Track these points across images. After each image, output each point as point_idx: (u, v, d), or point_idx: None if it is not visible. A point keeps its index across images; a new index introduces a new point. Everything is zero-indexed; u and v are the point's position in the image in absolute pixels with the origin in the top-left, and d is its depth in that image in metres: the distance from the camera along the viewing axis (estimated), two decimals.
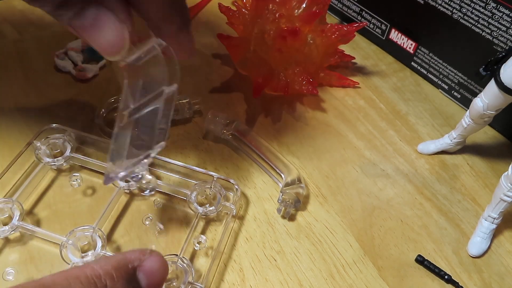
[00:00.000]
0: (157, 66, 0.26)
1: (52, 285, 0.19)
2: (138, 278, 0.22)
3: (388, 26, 0.46)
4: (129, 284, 0.21)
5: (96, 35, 0.23)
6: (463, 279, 0.31)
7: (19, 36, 0.45)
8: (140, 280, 0.22)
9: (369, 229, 0.33)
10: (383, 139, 0.39)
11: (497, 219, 0.32)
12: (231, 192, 0.33)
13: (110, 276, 0.21)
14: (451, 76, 0.42)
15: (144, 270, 0.22)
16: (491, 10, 0.36)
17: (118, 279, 0.21)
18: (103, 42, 0.23)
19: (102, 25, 0.23)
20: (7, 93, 0.40)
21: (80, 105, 0.39)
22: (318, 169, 0.36)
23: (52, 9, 0.22)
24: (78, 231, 0.29)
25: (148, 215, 0.32)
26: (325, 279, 0.30)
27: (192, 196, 0.32)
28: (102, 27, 0.23)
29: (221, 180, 0.33)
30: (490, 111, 0.32)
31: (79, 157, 0.34)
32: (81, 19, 0.22)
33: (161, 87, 0.26)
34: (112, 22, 0.23)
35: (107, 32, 0.23)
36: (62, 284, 0.20)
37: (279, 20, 0.38)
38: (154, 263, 0.22)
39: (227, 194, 0.33)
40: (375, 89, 0.44)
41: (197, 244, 0.30)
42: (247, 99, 0.41)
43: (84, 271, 0.20)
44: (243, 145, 0.37)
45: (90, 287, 0.20)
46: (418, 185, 0.36)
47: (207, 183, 0.33)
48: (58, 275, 0.20)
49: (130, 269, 0.21)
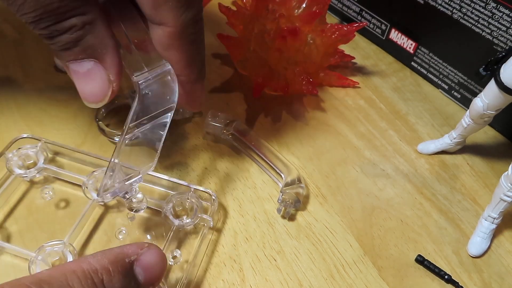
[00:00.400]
0: (163, 89, 0.27)
1: (49, 279, 0.19)
2: (135, 272, 0.21)
3: (388, 26, 0.46)
4: (125, 279, 0.21)
5: (84, 84, 0.25)
6: (463, 279, 0.31)
7: (19, 36, 0.45)
8: (138, 275, 0.22)
9: (369, 229, 0.33)
10: (383, 139, 0.39)
11: (497, 219, 0.32)
12: (209, 202, 0.32)
13: (107, 271, 0.20)
14: (451, 76, 0.42)
15: (141, 264, 0.22)
16: (491, 10, 0.36)
17: (115, 274, 0.21)
18: (87, 92, 0.25)
19: (92, 78, 0.25)
20: (7, 93, 0.39)
21: (80, 105, 0.39)
22: (318, 169, 0.36)
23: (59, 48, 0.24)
24: (48, 247, 0.28)
25: (121, 229, 0.31)
26: (325, 279, 0.30)
27: (168, 208, 0.31)
28: (92, 80, 0.25)
29: (200, 191, 0.32)
30: (490, 111, 0.32)
31: (52, 168, 0.33)
32: (78, 67, 0.24)
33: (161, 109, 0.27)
34: (102, 78, 0.25)
35: (94, 85, 0.25)
36: (59, 278, 0.19)
37: (279, 20, 0.38)
38: (152, 257, 0.22)
39: (205, 205, 0.32)
40: (375, 89, 0.44)
41: (172, 259, 0.29)
42: (247, 99, 0.41)
43: (80, 265, 0.20)
44: (243, 145, 0.37)
45: (87, 281, 0.20)
46: (418, 185, 0.36)
47: (184, 194, 0.31)
48: (55, 270, 0.20)
49: (127, 263, 0.21)
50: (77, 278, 0.20)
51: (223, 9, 0.41)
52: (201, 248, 0.30)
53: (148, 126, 0.27)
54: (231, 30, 0.42)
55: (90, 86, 0.25)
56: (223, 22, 0.42)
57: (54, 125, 0.37)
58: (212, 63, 0.45)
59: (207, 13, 0.51)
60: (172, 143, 0.37)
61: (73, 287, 0.19)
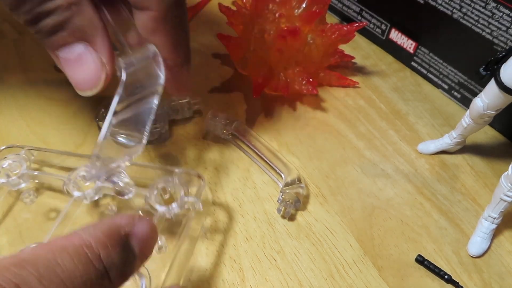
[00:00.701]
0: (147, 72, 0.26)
1: (34, 260, 0.16)
2: (131, 244, 0.20)
3: (388, 26, 0.46)
4: (124, 252, 0.19)
5: (77, 70, 0.24)
6: (463, 279, 0.31)
7: (19, 36, 0.45)
8: (134, 247, 0.20)
9: (369, 229, 0.33)
10: (383, 139, 0.39)
11: (497, 219, 0.32)
12: (197, 186, 0.30)
13: (103, 245, 0.18)
14: (451, 76, 0.42)
15: (136, 236, 0.20)
16: (491, 9, 0.36)
17: (113, 247, 0.19)
18: (80, 78, 0.24)
19: (84, 63, 0.24)
20: (7, 93, 0.40)
21: (80, 105, 0.39)
22: (318, 169, 0.36)
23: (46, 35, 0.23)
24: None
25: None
26: (325, 279, 0.30)
27: (152, 195, 0.29)
28: (85, 64, 0.24)
29: (186, 175, 0.30)
30: (490, 111, 0.32)
31: (33, 173, 0.32)
32: (68, 53, 0.23)
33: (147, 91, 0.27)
34: (94, 62, 0.24)
35: (87, 69, 0.24)
36: (46, 257, 0.17)
37: (279, 20, 0.38)
38: (145, 228, 0.20)
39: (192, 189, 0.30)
40: (375, 89, 0.44)
41: (157, 249, 0.28)
42: (247, 99, 0.41)
43: (71, 240, 0.18)
44: (243, 145, 0.37)
45: (81, 259, 0.17)
46: (418, 185, 0.36)
47: (168, 179, 0.29)
48: (41, 248, 0.17)
49: (123, 235, 0.19)
50: (68, 255, 0.17)
51: (223, 9, 0.41)
52: (184, 233, 0.28)
53: (134, 109, 0.26)
54: (231, 30, 0.42)
55: (82, 72, 0.24)
56: (223, 22, 0.42)
57: (54, 125, 0.37)
58: (212, 63, 0.45)
59: (207, 13, 0.51)
60: (172, 143, 0.37)
61: (64, 266, 0.17)
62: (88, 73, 0.24)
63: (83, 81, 0.24)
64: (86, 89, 0.25)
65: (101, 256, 0.18)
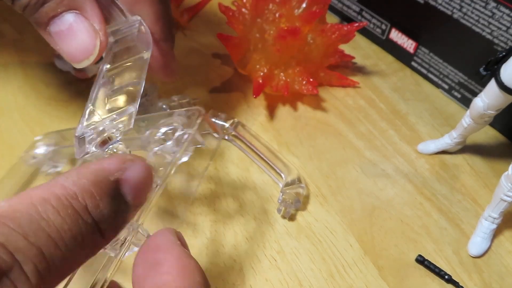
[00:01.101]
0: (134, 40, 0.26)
1: (12, 214, 0.14)
2: (123, 192, 0.17)
3: (388, 25, 0.46)
4: (114, 202, 0.17)
5: (69, 41, 0.23)
6: (463, 279, 0.31)
7: (19, 36, 0.45)
8: (126, 195, 0.17)
9: (369, 229, 0.33)
10: (383, 139, 0.39)
11: (497, 219, 0.32)
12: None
13: (90, 194, 0.16)
14: (451, 76, 0.42)
15: (129, 183, 0.18)
16: (491, 9, 0.36)
17: (101, 197, 0.16)
18: (74, 49, 0.23)
19: (77, 31, 0.23)
20: (7, 93, 0.40)
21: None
22: (318, 169, 0.36)
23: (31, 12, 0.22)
24: None
25: None
26: (325, 279, 0.30)
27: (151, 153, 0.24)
28: (77, 33, 0.23)
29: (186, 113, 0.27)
30: (491, 111, 0.32)
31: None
32: (59, 25, 0.23)
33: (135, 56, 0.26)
34: (87, 29, 0.23)
35: (80, 38, 0.23)
36: (26, 211, 0.15)
37: (279, 20, 0.38)
38: (139, 172, 0.18)
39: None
40: (375, 89, 0.44)
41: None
42: (247, 99, 0.41)
43: (52, 191, 0.16)
44: (243, 145, 0.37)
45: (66, 211, 0.15)
46: (418, 185, 0.36)
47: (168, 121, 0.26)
48: (18, 200, 0.15)
49: (112, 182, 0.17)
50: (51, 207, 0.15)
51: (223, 9, 0.41)
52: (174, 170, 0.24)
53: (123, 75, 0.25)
54: (231, 30, 0.42)
55: (76, 42, 0.23)
56: (223, 22, 0.42)
57: (54, 125, 0.37)
58: (212, 63, 0.45)
59: (207, 13, 0.51)
60: None
61: (50, 220, 0.15)
62: (82, 42, 0.23)
63: (78, 51, 0.23)
64: (83, 58, 0.24)
65: (88, 207, 0.16)
